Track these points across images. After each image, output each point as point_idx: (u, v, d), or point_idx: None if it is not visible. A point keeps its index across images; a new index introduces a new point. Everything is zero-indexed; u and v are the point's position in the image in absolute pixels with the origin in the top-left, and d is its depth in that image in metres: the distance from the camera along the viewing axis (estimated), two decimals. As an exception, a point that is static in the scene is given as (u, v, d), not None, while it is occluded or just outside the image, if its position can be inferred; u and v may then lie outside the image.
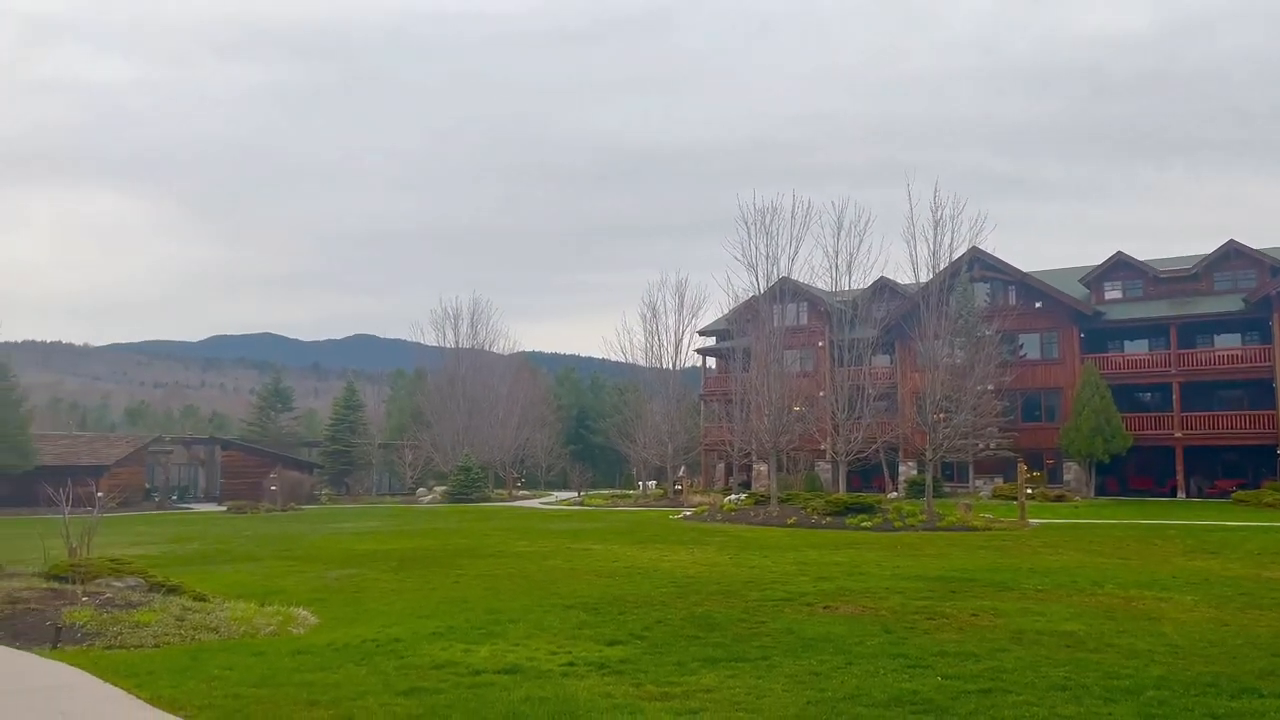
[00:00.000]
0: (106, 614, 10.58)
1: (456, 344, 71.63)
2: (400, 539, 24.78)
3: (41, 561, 14.53)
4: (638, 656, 8.94)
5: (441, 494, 54.69)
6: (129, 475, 52.76)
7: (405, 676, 8.06)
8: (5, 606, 11.00)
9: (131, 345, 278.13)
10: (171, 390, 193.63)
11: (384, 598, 13.48)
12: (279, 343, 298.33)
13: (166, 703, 7.16)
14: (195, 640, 9.86)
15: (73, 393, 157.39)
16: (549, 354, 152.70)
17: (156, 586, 12.73)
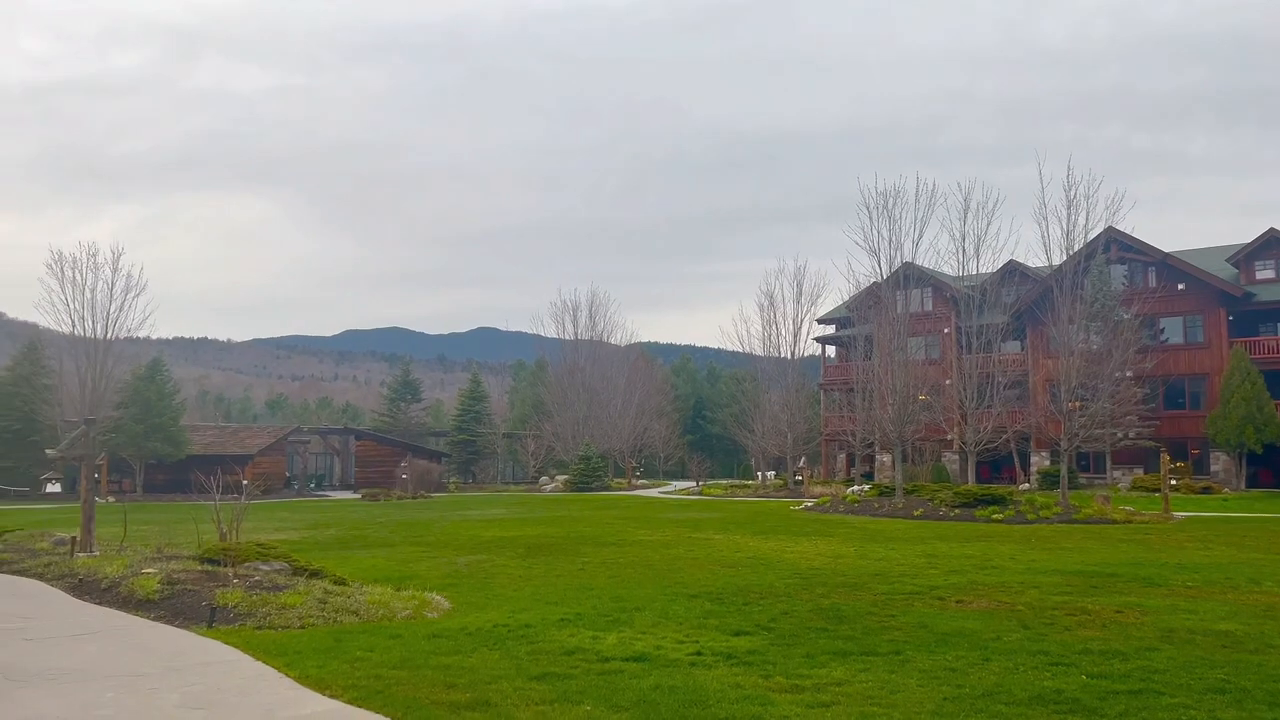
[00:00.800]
0: (255, 595, 11.14)
1: (575, 335, 72.69)
2: (525, 526, 25.31)
3: (195, 545, 15.44)
4: (765, 648, 8.88)
5: (563, 483, 55.60)
6: (270, 464, 55.47)
7: (537, 662, 8.21)
8: (165, 587, 11.72)
9: (271, 340, 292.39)
10: (308, 383, 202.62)
11: (512, 584, 13.78)
12: (406, 336, 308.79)
13: (314, 682, 7.48)
14: (337, 622, 10.27)
15: (218, 386, 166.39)
16: (665, 344, 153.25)
17: (300, 570, 13.33)
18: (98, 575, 13.17)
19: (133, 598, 11.66)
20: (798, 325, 51.48)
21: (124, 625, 10.31)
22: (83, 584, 13.09)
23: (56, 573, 14.18)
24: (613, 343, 73.49)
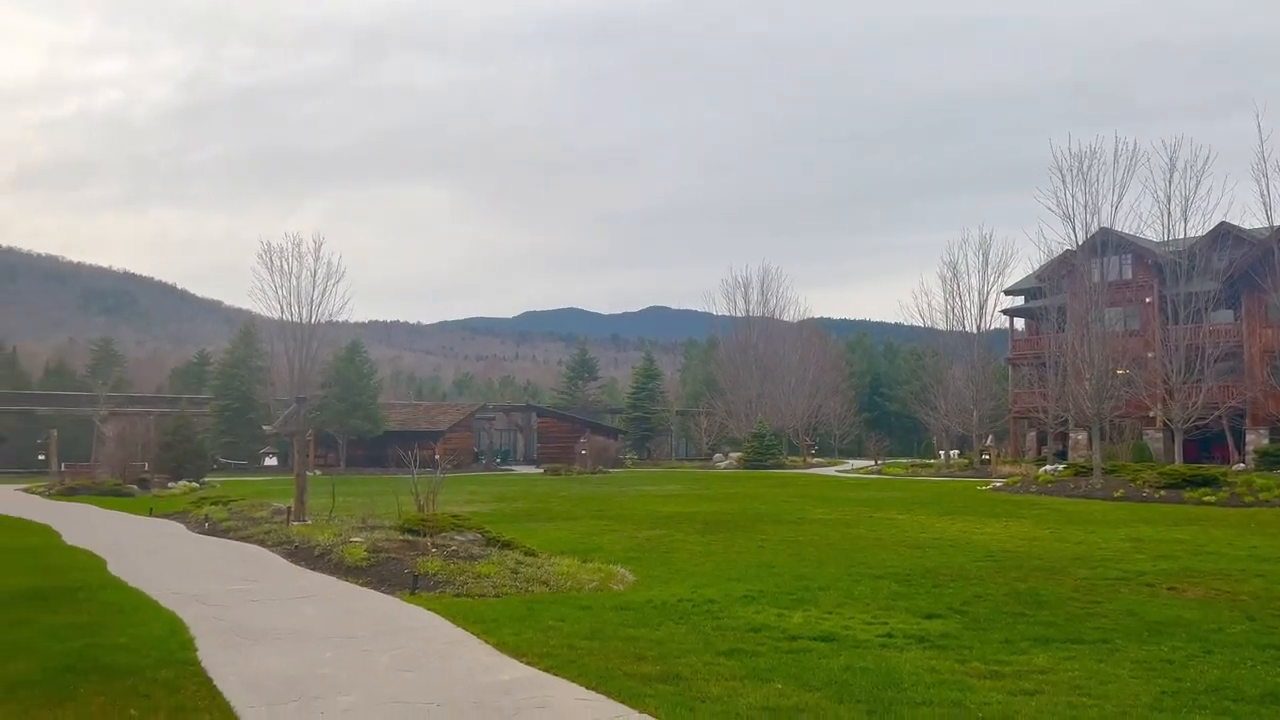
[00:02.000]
0: (453, 564, 11.71)
1: (747, 312, 72.34)
2: (702, 503, 25.48)
3: (396, 516, 16.36)
4: (959, 631, 8.57)
5: (736, 460, 55.60)
6: (460, 439, 58.18)
7: (724, 637, 8.24)
8: (371, 556, 12.49)
9: (456, 322, 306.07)
10: (491, 362, 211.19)
11: (693, 559, 13.89)
12: (581, 316, 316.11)
13: (510, 649, 7.79)
14: (529, 592, 10.65)
15: (410, 366, 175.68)
16: (838, 320, 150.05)
17: (492, 541, 13.91)
18: (311, 543, 14.18)
19: (342, 564, 12.49)
20: (983, 297, 49.36)
21: (336, 590, 11.06)
22: (298, 551, 14.14)
23: (275, 540, 15.38)
24: (785, 319, 72.73)
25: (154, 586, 10.94)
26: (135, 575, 11.87)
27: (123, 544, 15.76)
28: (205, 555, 14.43)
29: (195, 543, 16.35)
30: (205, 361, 73.78)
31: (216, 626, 8.70)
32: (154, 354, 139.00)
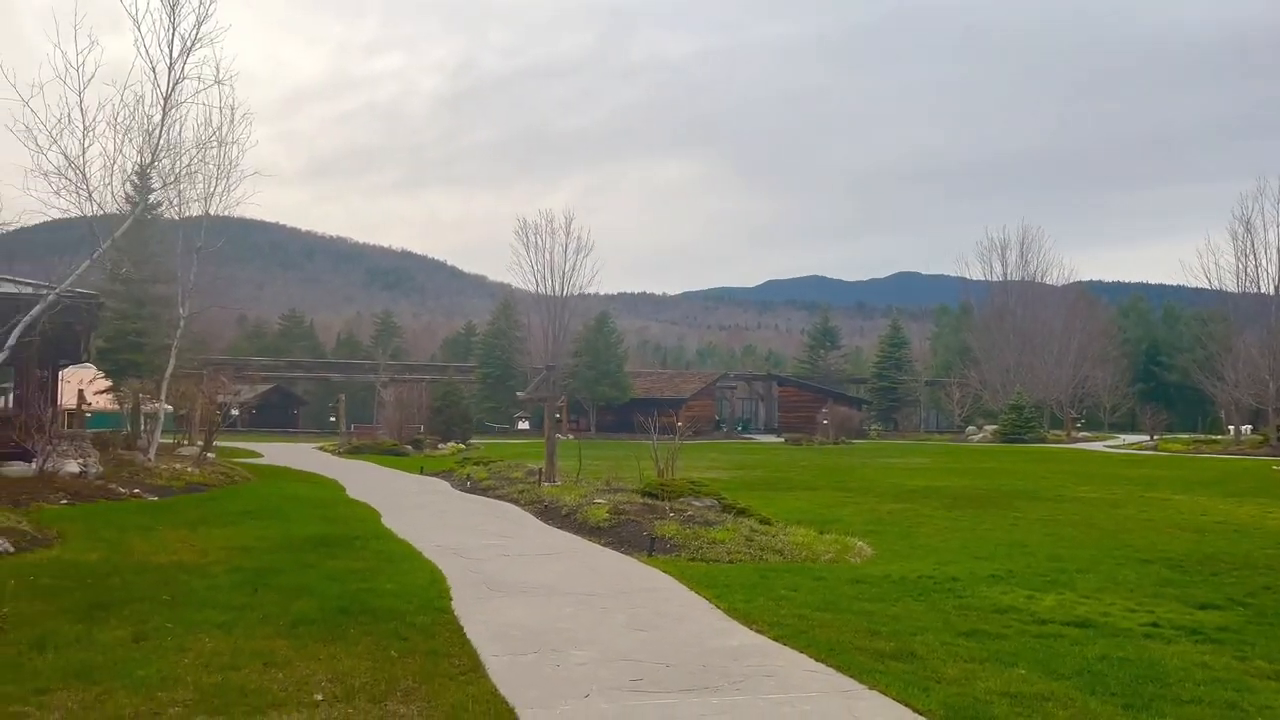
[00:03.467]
0: (689, 529, 11.91)
1: (1005, 276, 68.35)
2: (950, 476, 24.40)
3: (637, 480, 16.85)
4: (1240, 625, 7.69)
5: (991, 433, 52.81)
6: (701, 407, 59.06)
7: (965, 617, 7.85)
8: (612, 517, 12.94)
9: (699, 292, 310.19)
10: (733, 332, 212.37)
11: (937, 534, 13.34)
12: (824, 284, 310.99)
13: (741, 615, 7.81)
14: (762, 560, 10.64)
15: (655, 336, 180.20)
16: (1109, 283, 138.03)
17: (728, 508, 14.02)
18: (559, 503, 14.91)
19: (586, 524, 13.03)
20: (1282, 254, 43.73)
21: (579, 548, 11.56)
22: (547, 510, 14.90)
23: (528, 499, 16.29)
24: (1047, 282, 68.00)
25: (419, 539, 11.90)
26: (404, 528, 12.97)
27: (396, 499, 17.27)
28: (465, 511, 15.53)
29: (458, 500, 17.64)
30: (471, 332, 79.30)
31: (470, 578, 9.33)
32: (428, 325, 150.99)
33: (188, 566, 9.43)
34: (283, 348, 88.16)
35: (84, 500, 14.55)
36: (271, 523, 13.07)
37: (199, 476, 19.37)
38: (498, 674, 6.08)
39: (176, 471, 19.36)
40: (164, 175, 13.36)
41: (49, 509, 13.18)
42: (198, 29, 13.38)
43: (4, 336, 11.70)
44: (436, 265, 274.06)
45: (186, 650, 6.35)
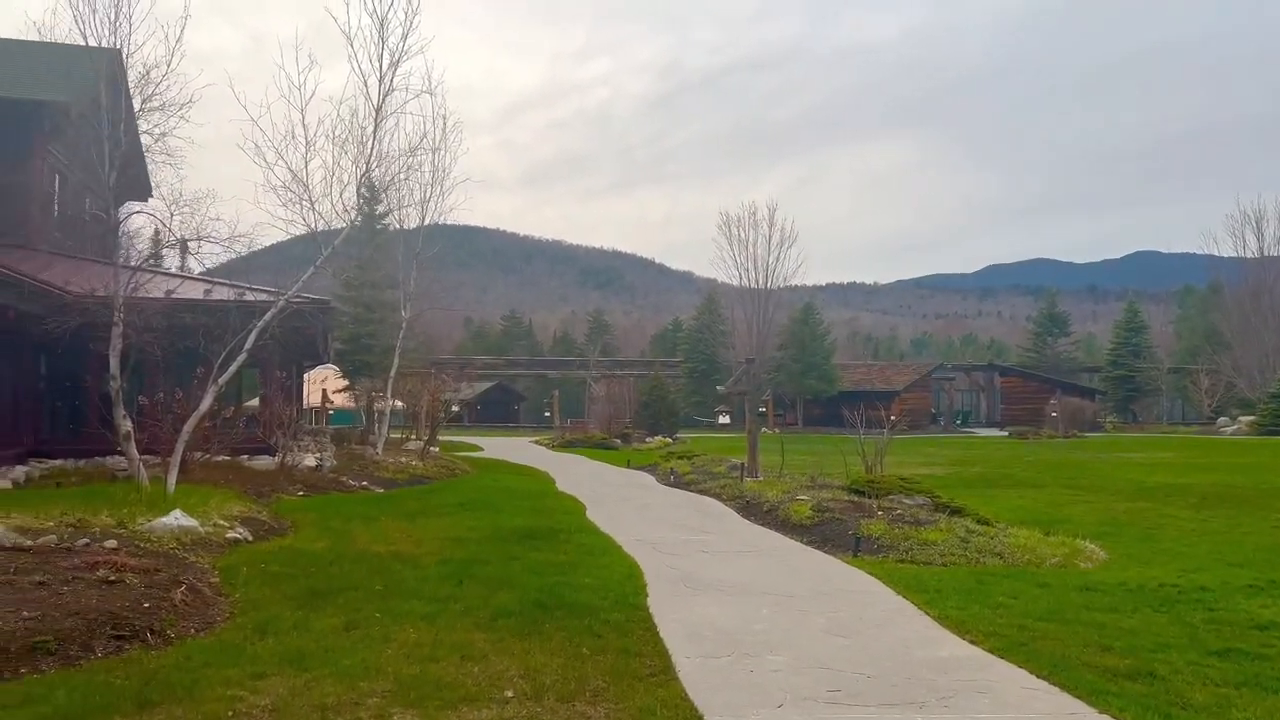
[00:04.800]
0: (897, 529, 11.29)
1: (1261, 251, 61.52)
2: (1198, 473, 22.07)
3: (843, 476, 16.25)
4: None
5: (1248, 425, 47.65)
6: (915, 400, 56.80)
7: (1218, 634, 6.92)
8: (816, 515, 12.49)
9: (913, 280, 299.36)
10: (951, 320, 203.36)
11: (1182, 538, 12.01)
12: (1051, 267, 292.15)
13: (953, 623, 7.24)
14: (979, 563, 9.91)
15: (866, 326, 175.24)
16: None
17: (942, 506, 13.22)
18: (761, 499, 14.59)
19: (788, 521, 12.66)
20: None
21: (780, 546, 11.21)
22: (749, 505, 14.62)
23: (730, 494, 16.08)
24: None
25: (620, 532, 11.94)
26: (607, 521, 13.07)
27: (601, 492, 17.52)
28: (667, 505, 15.51)
29: (661, 494, 17.68)
30: (678, 328, 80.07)
31: (668, 574, 9.20)
32: (638, 322, 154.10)
33: (402, 556, 9.84)
34: (504, 347, 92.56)
35: (318, 492, 15.64)
36: (483, 514, 13.52)
37: (422, 469, 20.45)
38: (688, 677, 5.88)
39: (402, 465, 20.54)
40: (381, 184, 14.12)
41: (287, 500, 14.24)
42: (404, 42, 14.02)
43: (243, 340, 12.73)
44: (645, 263, 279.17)
45: (391, 640, 6.56)
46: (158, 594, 7.23)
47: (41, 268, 16.50)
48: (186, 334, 13.85)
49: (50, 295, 13.45)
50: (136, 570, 7.78)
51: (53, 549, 8.53)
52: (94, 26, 11.94)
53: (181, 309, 14.53)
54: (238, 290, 16.54)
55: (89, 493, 12.23)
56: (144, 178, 23.20)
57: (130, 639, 6.32)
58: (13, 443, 16.43)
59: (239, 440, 16.70)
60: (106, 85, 12.27)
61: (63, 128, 13.03)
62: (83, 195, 17.52)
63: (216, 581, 8.26)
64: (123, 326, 12.11)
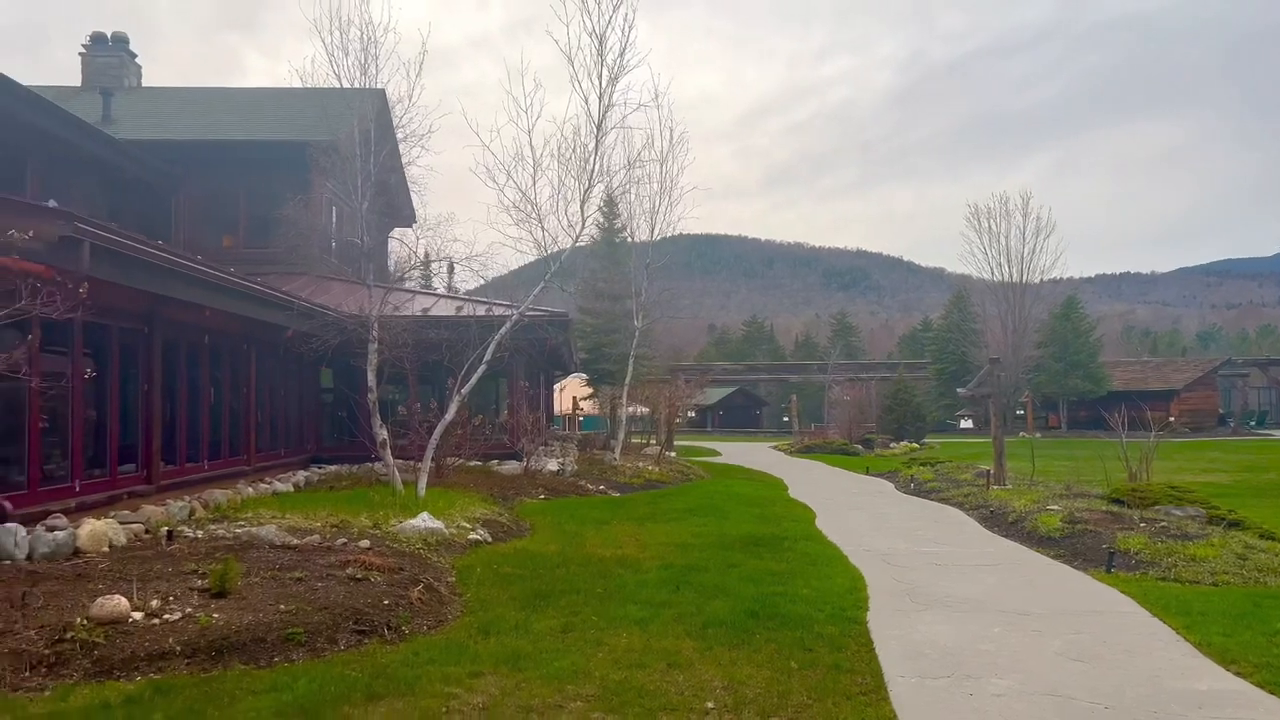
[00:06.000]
0: (1160, 543, 10.19)
1: None
2: None
3: (1104, 484, 14.93)
4: None
5: None
6: (1198, 400, 51.37)
7: None
8: (1066, 526, 11.53)
9: (1197, 268, 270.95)
10: (1244, 310, 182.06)
11: None
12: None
13: (1217, 652, 6.43)
14: (1259, 584, 8.75)
15: (1143, 320, 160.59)
16: None
17: (1217, 519, 11.83)
18: (1006, 508, 13.68)
19: (1035, 533, 11.77)
20: None
21: (1022, 560, 10.43)
22: (993, 516, 13.74)
23: (973, 503, 15.19)
24: None
25: (848, 542, 11.57)
26: (836, 529, 12.72)
27: (834, 499, 17.09)
28: (903, 515, 14.86)
29: (897, 502, 16.98)
30: (927, 328, 76.95)
31: (893, 587, 8.81)
32: (885, 323, 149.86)
33: (626, 561, 10.04)
34: (745, 352, 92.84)
35: (558, 495, 16.30)
36: (710, 520, 13.56)
37: (658, 474, 20.84)
38: (900, 698, 5.58)
39: (638, 469, 21.03)
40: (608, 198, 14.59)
41: (528, 503, 14.94)
42: (621, 58, 14.37)
43: (482, 353, 13.52)
44: (892, 261, 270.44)
45: (603, 645, 6.68)
46: (398, 592, 7.77)
47: (318, 292, 18.34)
48: (433, 348, 14.90)
49: (317, 315, 14.92)
50: (382, 569, 8.41)
51: (314, 547, 9.41)
52: (346, 69, 13.13)
53: (426, 325, 15.63)
54: (485, 307, 17.60)
55: (354, 496, 13.40)
56: (408, 205, 25.30)
57: (369, 634, 6.82)
58: (298, 450, 18.35)
59: (488, 446, 17.79)
60: (359, 122, 13.46)
61: (334, 164, 14.38)
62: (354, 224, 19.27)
63: (453, 581, 8.77)
64: (377, 343, 13.22)
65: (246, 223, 22.08)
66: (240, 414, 15.43)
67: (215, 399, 14.36)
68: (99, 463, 11.16)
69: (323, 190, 20.22)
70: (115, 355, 11.46)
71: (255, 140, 21.73)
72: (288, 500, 13.44)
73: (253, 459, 15.58)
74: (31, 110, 17.17)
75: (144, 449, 11.98)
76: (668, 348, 56.55)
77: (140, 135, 21.52)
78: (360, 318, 13.77)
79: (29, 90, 17.43)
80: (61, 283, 8.09)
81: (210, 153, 21.67)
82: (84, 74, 25.89)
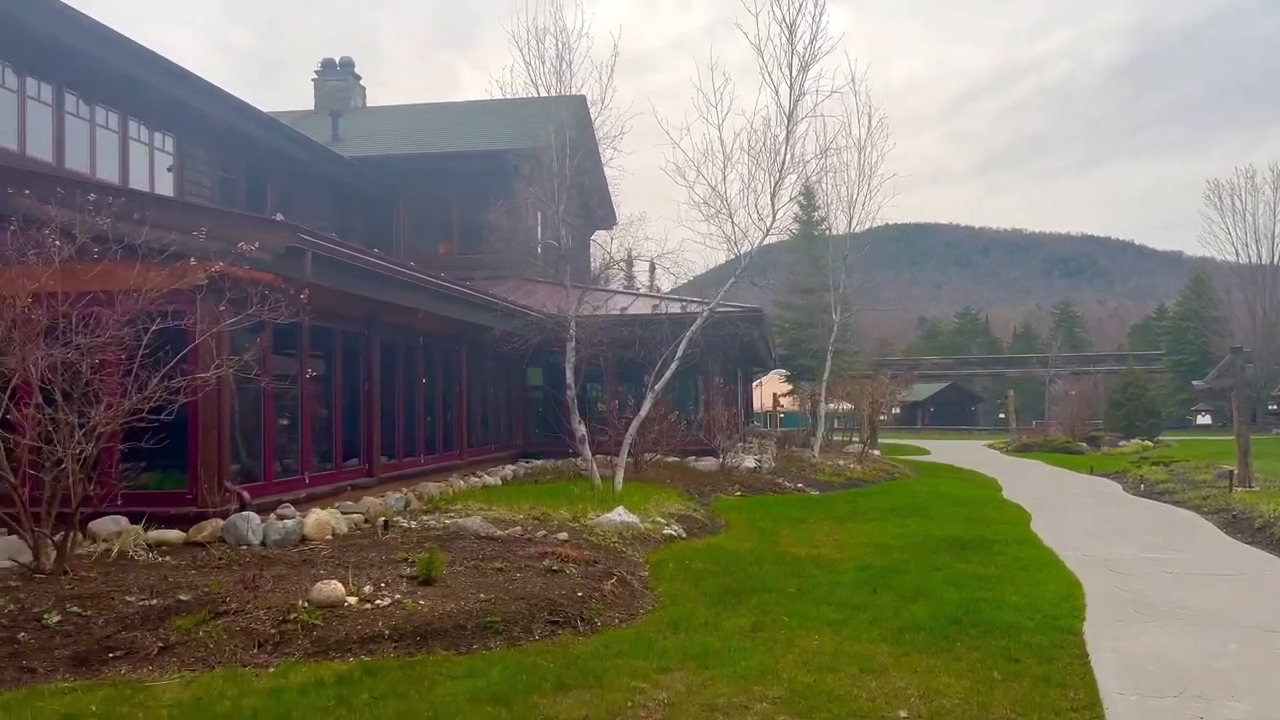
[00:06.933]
0: None
1: None
2: None
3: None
4: None
5: None
6: None
7: None
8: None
9: None
10: None
11: None
12: None
13: None
14: None
15: None
16: None
17: None
18: (1251, 512, 12.38)
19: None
20: None
21: (1268, 570, 9.39)
22: (1235, 520, 12.46)
23: (1211, 507, 13.85)
24: None
25: (1065, 546, 10.80)
26: (1051, 532, 11.91)
27: (1052, 501, 16.03)
28: (1129, 518, 13.73)
29: (1124, 504, 15.70)
30: (1162, 316, 71.07)
31: (1115, 596, 8.13)
32: (1114, 312, 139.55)
33: (821, 561, 9.80)
34: (959, 345, 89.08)
35: (754, 493, 16.17)
36: (913, 520, 13.03)
37: (859, 472, 20.28)
38: (1118, 717, 5.12)
39: (839, 468, 20.55)
40: (797, 189, 14.34)
41: (723, 500, 14.91)
42: (812, 45, 14.03)
43: (675, 350, 13.61)
44: (1122, 245, 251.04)
45: (793, 646, 6.53)
46: (591, 584, 7.92)
47: (523, 294, 19.07)
48: (628, 346, 15.12)
49: (518, 315, 15.52)
50: (577, 561, 8.61)
51: (515, 539, 9.77)
52: (543, 76, 13.57)
53: (620, 324, 15.90)
54: (679, 304, 17.73)
55: (555, 490, 13.82)
56: (605, 207, 25.91)
57: (563, 625, 6.99)
58: (507, 444, 19.17)
59: (685, 442, 17.90)
60: (555, 128, 13.86)
61: (535, 170, 14.89)
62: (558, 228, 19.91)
63: (645, 576, 8.85)
64: (574, 341, 13.59)
65: (459, 230, 23.27)
66: (453, 411, 16.28)
67: (429, 397, 15.21)
68: (326, 457, 12.08)
69: (526, 196, 21.03)
70: (339, 357, 12.36)
71: (464, 151, 22.91)
72: (495, 493, 14.05)
73: (464, 453, 16.40)
74: (270, 134, 18.86)
75: (365, 444, 12.86)
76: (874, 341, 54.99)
77: (364, 152, 23.17)
78: (558, 317, 14.20)
79: (269, 116, 19.17)
80: (286, 290, 8.81)
81: (425, 165, 23.01)
82: (316, 97, 28.18)
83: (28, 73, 13.29)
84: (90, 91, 14.32)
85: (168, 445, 8.73)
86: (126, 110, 15.19)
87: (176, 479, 9.58)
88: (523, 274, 19.95)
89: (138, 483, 9.18)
